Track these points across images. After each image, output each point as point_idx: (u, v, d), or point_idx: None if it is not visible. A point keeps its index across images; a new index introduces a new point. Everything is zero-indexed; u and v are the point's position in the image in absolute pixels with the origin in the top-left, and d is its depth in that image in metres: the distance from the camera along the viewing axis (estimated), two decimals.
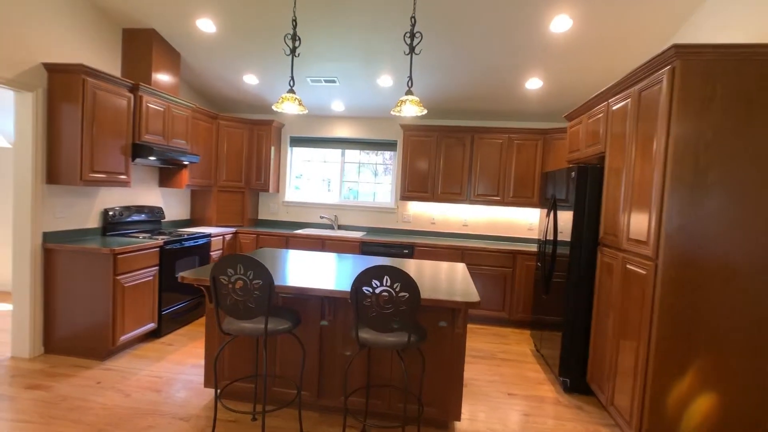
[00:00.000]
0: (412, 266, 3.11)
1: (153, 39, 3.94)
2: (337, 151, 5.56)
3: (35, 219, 3.24)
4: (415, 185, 5.02)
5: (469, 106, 4.85)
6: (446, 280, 2.66)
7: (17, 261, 3.26)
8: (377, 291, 1.98)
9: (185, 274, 2.40)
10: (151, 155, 3.74)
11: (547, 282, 3.65)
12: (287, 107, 2.87)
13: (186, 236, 4.09)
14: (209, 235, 4.45)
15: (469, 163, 4.92)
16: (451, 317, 2.49)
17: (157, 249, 3.71)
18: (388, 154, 5.51)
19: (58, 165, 3.27)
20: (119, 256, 3.29)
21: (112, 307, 3.27)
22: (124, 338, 3.39)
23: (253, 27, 3.69)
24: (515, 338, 4.36)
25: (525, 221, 5.17)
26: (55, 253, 3.32)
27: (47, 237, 3.33)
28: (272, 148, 5.25)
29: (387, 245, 4.81)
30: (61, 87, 3.24)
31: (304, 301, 2.65)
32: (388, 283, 1.96)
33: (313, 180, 5.66)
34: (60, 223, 3.45)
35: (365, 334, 2.11)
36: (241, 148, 5.17)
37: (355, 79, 4.43)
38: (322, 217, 5.25)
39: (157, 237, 3.86)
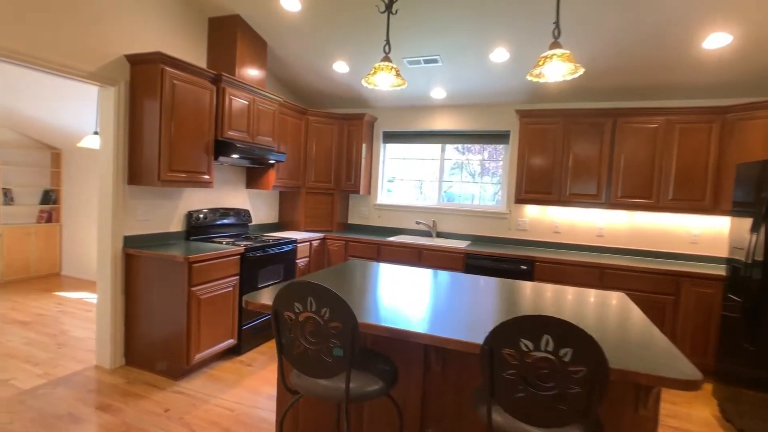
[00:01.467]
0: (537, 292, 2.19)
1: (238, 26, 3.55)
2: (436, 147, 4.77)
3: (116, 222, 2.97)
4: (535, 185, 4.03)
5: (610, 82, 3.73)
6: (610, 324, 1.71)
7: (101, 265, 3.03)
8: (531, 357, 1.15)
9: (249, 299, 1.80)
10: (234, 153, 3.33)
11: (754, 323, 2.44)
12: (382, 80, 2.17)
13: (270, 242, 3.64)
14: (295, 241, 3.97)
15: (609, 155, 3.78)
16: (634, 394, 1.54)
17: (238, 257, 3.28)
18: (493, 151, 4.58)
19: (139, 164, 2.97)
20: (195, 265, 2.88)
21: (186, 323, 2.87)
22: (199, 356, 2.99)
23: (340, 1, 3.09)
24: (683, 393, 3.14)
25: (685, 232, 3.85)
26: (134, 258, 3.03)
27: (128, 241, 3.05)
28: (363, 146, 4.65)
29: (498, 259, 3.89)
30: (141, 79, 2.94)
31: (403, 343, 1.91)
32: (550, 347, 1.11)
33: (407, 180, 4.95)
34: (143, 226, 3.17)
35: (502, 419, 1.28)
36: (330, 145, 4.65)
37: (460, 56, 3.61)
38: (418, 223, 4.52)
39: (240, 243, 3.45)
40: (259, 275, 3.51)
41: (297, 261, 4.06)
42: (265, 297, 1.83)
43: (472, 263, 3.99)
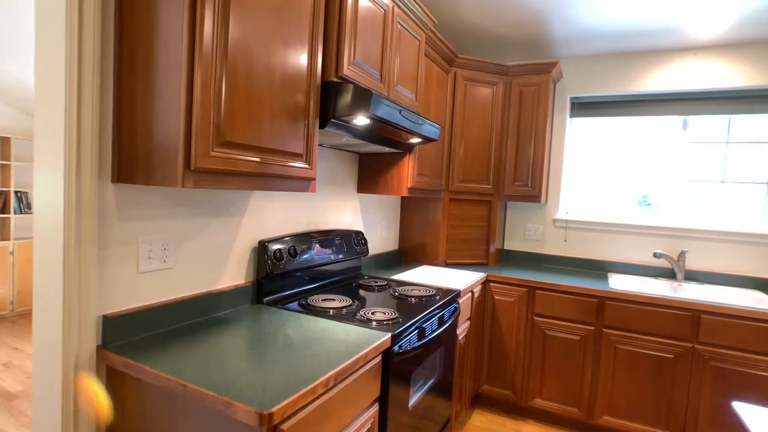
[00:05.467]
0: None
1: None
2: (673, 122, 2.56)
3: (73, 281, 1.03)
4: None
5: None
6: None
7: (38, 402, 1.09)
8: None
9: None
10: (361, 111, 1.31)
11: None
12: None
13: (426, 308, 1.59)
14: (458, 295, 1.90)
15: None
16: None
17: (378, 358, 1.25)
18: None
19: (143, 135, 1.02)
20: (286, 426, 0.87)
21: None
22: None
23: None
24: None
25: None
26: (125, 383, 1.07)
27: (112, 330, 1.10)
28: (548, 120, 2.52)
29: None
30: None
31: None
32: None
33: (614, 178, 2.74)
34: (153, 283, 1.22)
35: None
36: (489, 119, 2.55)
37: None
38: (657, 255, 2.31)
39: (364, 312, 1.43)
40: (410, 384, 1.48)
41: (458, 332, 1.99)
42: None
43: None
